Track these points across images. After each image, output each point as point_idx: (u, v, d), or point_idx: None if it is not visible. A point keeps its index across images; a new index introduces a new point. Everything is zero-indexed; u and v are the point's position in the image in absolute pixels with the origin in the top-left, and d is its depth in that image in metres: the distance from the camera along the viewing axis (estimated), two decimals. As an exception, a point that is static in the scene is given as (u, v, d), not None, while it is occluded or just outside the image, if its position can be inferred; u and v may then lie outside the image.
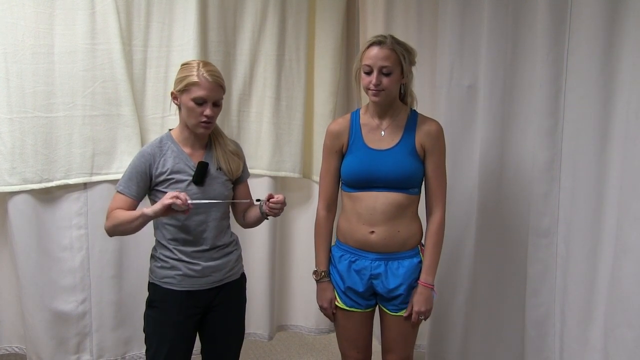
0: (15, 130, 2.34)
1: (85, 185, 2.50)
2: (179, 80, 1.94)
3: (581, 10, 1.94)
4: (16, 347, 2.60)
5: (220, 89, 1.96)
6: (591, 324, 1.96)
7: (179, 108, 1.98)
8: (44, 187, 2.42)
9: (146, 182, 1.96)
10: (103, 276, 2.56)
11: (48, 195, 2.46)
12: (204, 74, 1.91)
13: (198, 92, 1.90)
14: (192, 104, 1.91)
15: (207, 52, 2.64)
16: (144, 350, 2.08)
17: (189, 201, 1.83)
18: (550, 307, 2.15)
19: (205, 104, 1.92)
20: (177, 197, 1.80)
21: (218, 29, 2.67)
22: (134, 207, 1.96)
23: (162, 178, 1.95)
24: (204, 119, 1.93)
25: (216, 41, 2.67)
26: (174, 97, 1.97)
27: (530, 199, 2.19)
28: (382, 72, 1.97)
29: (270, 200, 1.97)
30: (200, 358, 2.18)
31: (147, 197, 2.02)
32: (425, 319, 2.13)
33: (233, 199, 2.10)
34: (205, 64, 1.97)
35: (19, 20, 2.30)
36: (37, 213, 2.44)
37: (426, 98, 2.33)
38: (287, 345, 3.35)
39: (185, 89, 1.92)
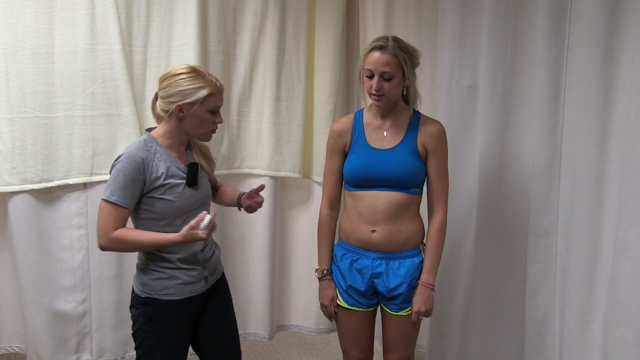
0: (15, 130, 2.34)
1: (85, 185, 2.50)
2: (187, 93, 1.84)
3: (581, 10, 1.95)
4: (16, 347, 2.60)
5: None
6: (591, 324, 1.96)
7: (179, 119, 1.89)
8: (44, 187, 2.41)
9: (140, 189, 1.87)
10: (103, 276, 2.55)
11: (48, 195, 2.46)
12: (216, 83, 1.90)
13: (216, 102, 1.90)
14: (207, 114, 1.89)
15: (207, 52, 2.64)
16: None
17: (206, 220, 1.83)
18: (550, 307, 2.15)
19: (217, 112, 1.92)
20: (209, 229, 1.82)
21: (218, 29, 2.67)
22: (127, 218, 1.87)
23: (158, 183, 1.87)
24: (216, 127, 1.94)
25: (216, 41, 2.67)
26: (179, 109, 1.86)
27: (530, 199, 2.19)
28: (383, 77, 1.97)
29: (255, 200, 2.11)
30: (197, 358, 2.18)
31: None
32: (427, 316, 2.14)
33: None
34: (204, 70, 1.93)
35: (19, 21, 2.30)
36: (37, 213, 2.44)
37: (426, 98, 2.33)
38: (287, 345, 3.35)
39: (202, 101, 1.85)
